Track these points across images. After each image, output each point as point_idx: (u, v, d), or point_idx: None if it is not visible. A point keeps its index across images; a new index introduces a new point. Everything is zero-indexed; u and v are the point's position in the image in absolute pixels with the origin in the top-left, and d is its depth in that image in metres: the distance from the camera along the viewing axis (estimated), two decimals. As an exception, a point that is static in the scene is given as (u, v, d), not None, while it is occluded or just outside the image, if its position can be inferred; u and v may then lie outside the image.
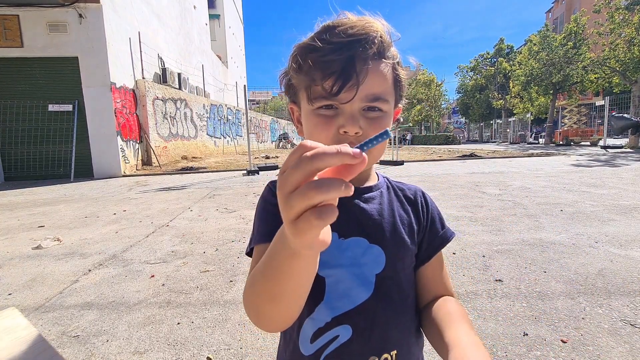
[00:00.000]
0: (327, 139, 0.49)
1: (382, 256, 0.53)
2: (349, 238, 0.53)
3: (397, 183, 0.64)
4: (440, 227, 0.60)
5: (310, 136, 0.51)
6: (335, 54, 0.46)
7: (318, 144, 0.26)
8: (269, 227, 0.51)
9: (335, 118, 0.48)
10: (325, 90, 0.47)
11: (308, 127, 0.52)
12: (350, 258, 0.52)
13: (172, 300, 1.95)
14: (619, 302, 1.72)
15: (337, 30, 0.47)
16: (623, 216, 3.33)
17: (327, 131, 0.49)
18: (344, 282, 0.51)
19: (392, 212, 0.57)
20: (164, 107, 11.21)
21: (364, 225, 0.54)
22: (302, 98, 0.51)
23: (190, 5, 16.30)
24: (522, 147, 18.96)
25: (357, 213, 0.55)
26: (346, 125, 0.47)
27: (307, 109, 0.51)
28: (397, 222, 0.56)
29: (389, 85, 0.50)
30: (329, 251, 0.51)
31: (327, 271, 0.52)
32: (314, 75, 0.47)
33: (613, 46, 15.28)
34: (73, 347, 1.52)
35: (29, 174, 8.77)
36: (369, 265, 0.52)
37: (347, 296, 0.51)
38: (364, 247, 0.53)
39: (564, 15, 38.37)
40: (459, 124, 64.14)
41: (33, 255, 2.83)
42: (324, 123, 0.49)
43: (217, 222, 3.68)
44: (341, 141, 0.47)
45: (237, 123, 19.81)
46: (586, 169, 7.43)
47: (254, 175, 8.30)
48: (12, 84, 8.53)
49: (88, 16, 8.33)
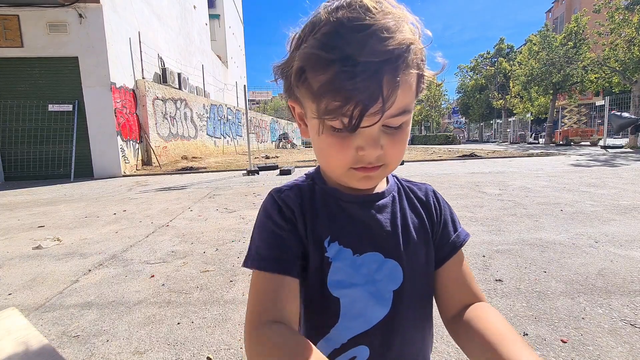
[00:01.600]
0: (344, 160, 0.44)
1: (399, 270, 0.49)
2: (364, 254, 0.49)
3: (407, 183, 0.60)
4: (453, 229, 0.56)
5: (323, 154, 0.46)
6: (357, 80, 0.36)
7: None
8: (272, 252, 0.46)
9: (352, 137, 0.42)
10: (342, 119, 0.39)
11: (320, 144, 0.45)
12: (366, 275, 0.49)
13: (172, 300, 1.95)
14: (619, 302, 1.72)
15: (355, 38, 0.37)
16: (623, 216, 3.33)
17: (344, 152, 0.43)
18: (360, 301, 0.48)
19: (405, 220, 0.53)
20: (164, 107, 11.21)
21: (378, 238, 0.50)
22: (309, 107, 0.44)
23: (190, 5, 16.30)
24: (522, 147, 18.96)
25: (370, 225, 0.51)
26: (366, 148, 0.42)
27: (317, 122, 0.43)
28: (410, 232, 0.52)
29: (413, 91, 0.43)
30: (344, 270, 0.48)
31: (342, 291, 0.48)
32: (327, 97, 0.39)
33: (613, 46, 15.28)
34: (73, 347, 1.52)
35: (29, 174, 8.78)
36: (384, 281, 0.49)
37: (363, 315, 0.48)
38: (379, 262, 0.49)
39: (564, 15, 38.40)
40: (459, 124, 64.14)
41: (33, 255, 2.83)
42: (339, 144, 0.43)
43: (217, 222, 3.68)
44: (360, 161, 0.43)
45: (237, 123, 19.82)
46: (586, 169, 7.42)
47: (254, 175, 8.30)
48: (12, 84, 8.53)
49: (88, 16, 8.34)
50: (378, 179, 0.49)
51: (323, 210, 0.51)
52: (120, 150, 8.98)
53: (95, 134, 8.80)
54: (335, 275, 0.48)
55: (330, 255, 0.48)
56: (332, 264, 0.48)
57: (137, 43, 10.21)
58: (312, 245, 0.49)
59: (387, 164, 0.45)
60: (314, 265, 0.49)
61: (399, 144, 0.44)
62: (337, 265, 0.48)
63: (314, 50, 0.39)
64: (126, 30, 9.60)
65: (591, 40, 17.85)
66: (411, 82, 0.41)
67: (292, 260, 0.47)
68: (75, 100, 8.65)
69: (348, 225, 0.50)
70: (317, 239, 0.49)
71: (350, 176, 0.46)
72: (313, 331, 0.50)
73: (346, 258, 0.48)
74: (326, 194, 0.52)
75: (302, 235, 0.49)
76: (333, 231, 0.49)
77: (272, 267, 0.45)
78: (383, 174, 0.47)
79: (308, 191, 0.53)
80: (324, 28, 0.39)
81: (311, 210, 0.50)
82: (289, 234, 0.48)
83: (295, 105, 0.48)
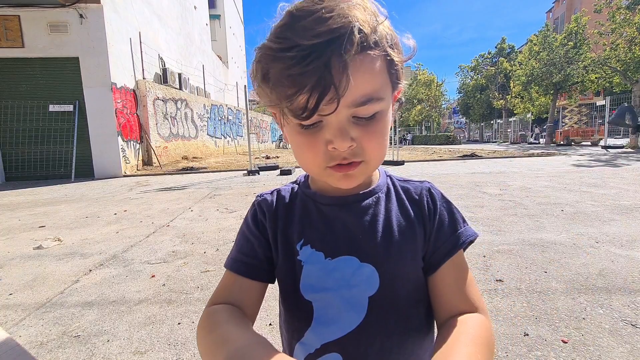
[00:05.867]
0: (316, 158, 0.42)
1: (375, 276, 0.46)
2: (337, 257, 0.47)
3: (402, 182, 0.55)
4: (451, 229, 0.50)
5: (298, 155, 0.45)
6: (304, 65, 0.35)
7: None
8: (238, 254, 0.51)
9: (320, 132, 0.40)
10: (296, 112, 0.38)
11: (293, 146, 0.45)
12: (339, 280, 0.46)
13: (173, 300, 1.95)
14: (619, 302, 1.72)
15: (301, 25, 0.36)
16: (624, 216, 3.33)
17: (314, 150, 0.41)
18: (333, 306, 0.46)
19: (388, 222, 0.49)
20: (164, 107, 11.22)
21: (354, 241, 0.47)
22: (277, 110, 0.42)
23: (191, 5, 16.31)
24: (522, 147, 18.94)
25: (347, 227, 0.48)
26: (335, 141, 0.39)
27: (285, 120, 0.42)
28: (393, 235, 0.48)
29: (381, 77, 0.40)
30: (315, 273, 0.47)
31: (314, 295, 0.47)
32: (281, 91, 0.37)
33: (614, 46, 15.25)
34: (74, 347, 1.52)
35: (29, 174, 8.79)
36: (360, 286, 0.46)
37: (337, 322, 0.46)
38: (354, 267, 0.46)
39: (565, 15, 38.34)
40: (459, 124, 64.10)
41: (34, 255, 2.83)
42: (308, 142, 0.41)
43: (217, 222, 3.69)
44: (333, 158, 0.41)
45: (238, 123, 19.82)
46: (587, 169, 7.42)
47: (255, 175, 8.30)
48: (13, 84, 8.55)
49: (89, 16, 8.35)
50: (360, 178, 0.45)
51: (299, 213, 0.52)
52: (120, 150, 8.99)
53: (96, 134, 8.81)
54: (307, 279, 0.48)
55: (302, 258, 0.48)
56: (304, 267, 0.48)
57: (137, 43, 10.22)
58: (282, 248, 0.50)
59: (367, 161, 0.43)
60: (285, 268, 0.49)
61: (374, 136, 0.41)
62: (309, 268, 0.48)
63: (268, 44, 0.39)
64: (127, 31, 9.61)
65: (592, 40, 17.83)
66: (375, 67, 0.38)
67: (253, 263, 0.50)
68: (76, 100, 8.66)
69: (324, 228, 0.49)
70: (288, 242, 0.50)
71: (329, 176, 0.44)
72: (290, 334, 0.50)
73: (318, 262, 0.48)
74: (306, 197, 0.53)
75: (271, 238, 0.51)
76: (307, 235, 0.49)
77: (233, 267, 0.50)
78: (364, 172, 0.44)
79: (289, 195, 0.55)
80: (278, 23, 0.39)
81: (285, 215, 0.52)
82: (257, 238, 0.51)
83: (274, 110, 0.44)
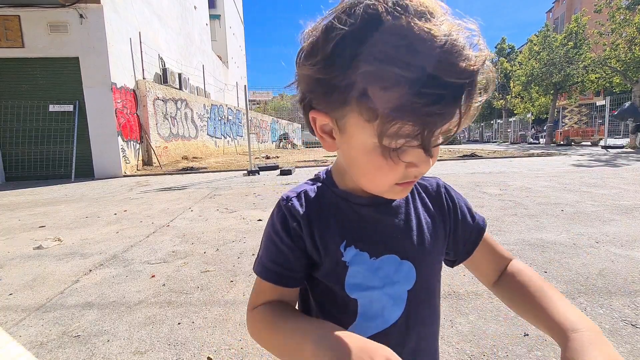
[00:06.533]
0: (392, 179, 0.42)
1: (413, 271, 0.50)
2: (380, 257, 0.49)
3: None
4: (471, 219, 0.57)
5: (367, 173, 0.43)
6: (442, 104, 0.33)
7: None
8: (272, 265, 0.49)
9: (403, 154, 0.39)
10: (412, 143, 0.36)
11: (364, 164, 0.42)
12: (384, 278, 0.49)
13: (173, 300, 1.95)
14: (619, 302, 1.72)
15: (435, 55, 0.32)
16: (624, 216, 3.33)
17: (394, 172, 0.41)
18: (378, 302, 0.49)
19: (418, 220, 0.53)
20: (164, 107, 11.22)
21: (394, 240, 0.50)
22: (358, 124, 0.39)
23: (191, 5, 16.32)
24: (522, 147, 18.94)
25: (386, 228, 0.51)
26: (419, 165, 0.40)
27: (368, 141, 0.39)
28: (424, 231, 0.52)
29: None
30: (362, 273, 0.49)
31: (360, 293, 0.49)
32: (400, 120, 0.34)
33: (614, 46, 15.26)
34: (74, 347, 1.52)
35: (29, 174, 8.79)
36: (401, 282, 0.50)
37: (381, 316, 0.49)
38: (395, 265, 0.50)
39: (565, 15, 38.35)
40: (459, 124, 63.88)
41: (34, 255, 2.83)
42: (387, 164, 0.40)
43: (217, 222, 3.69)
44: (407, 177, 0.42)
45: (238, 123, 19.82)
46: (587, 169, 7.41)
47: (255, 175, 8.30)
48: (13, 85, 8.55)
49: (89, 16, 8.35)
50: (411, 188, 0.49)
51: (335, 215, 0.51)
52: (120, 150, 8.99)
53: (96, 134, 8.81)
54: (353, 279, 0.49)
55: (347, 259, 0.48)
56: (350, 268, 0.48)
57: (137, 43, 10.22)
58: (324, 251, 0.49)
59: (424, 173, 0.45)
60: (328, 269, 0.49)
61: (438, 151, 0.43)
62: (355, 269, 0.49)
63: (384, 67, 0.33)
64: (127, 31, 9.61)
65: (592, 40, 17.83)
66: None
67: (289, 274, 0.49)
68: (76, 100, 8.66)
69: (363, 228, 0.50)
70: (329, 244, 0.49)
71: (392, 191, 0.45)
72: None
73: (364, 262, 0.49)
74: (338, 198, 0.52)
75: (308, 245, 0.49)
76: (348, 236, 0.49)
77: (269, 277, 0.50)
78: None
79: (316, 196, 0.52)
80: (391, 37, 0.33)
81: (319, 217, 0.50)
82: (291, 249, 0.49)
83: (319, 116, 0.42)
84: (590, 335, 0.40)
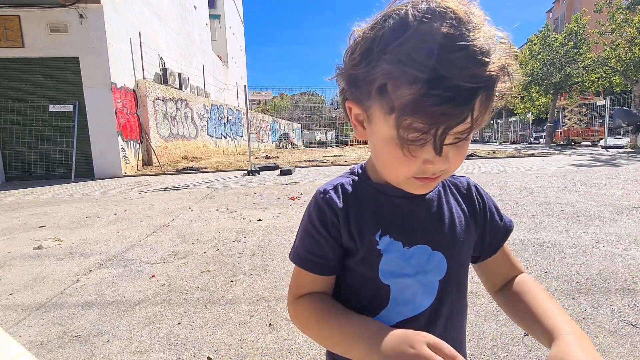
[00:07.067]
0: (408, 172, 0.44)
1: (444, 262, 0.53)
2: (414, 246, 0.52)
3: (448, 177, 0.59)
4: (499, 218, 0.59)
5: (386, 163, 0.47)
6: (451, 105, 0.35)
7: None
8: (308, 255, 0.53)
9: (420, 150, 0.41)
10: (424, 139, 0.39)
11: (384, 154, 0.46)
12: (416, 266, 0.52)
13: (173, 300, 1.95)
14: (620, 302, 1.72)
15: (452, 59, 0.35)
16: (624, 216, 3.33)
17: (410, 165, 0.43)
18: (410, 289, 0.52)
19: (451, 214, 0.55)
20: (164, 107, 11.22)
21: (427, 231, 0.53)
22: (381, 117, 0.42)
23: (191, 5, 16.32)
24: (522, 147, 18.94)
25: (420, 219, 0.53)
26: (435, 162, 0.42)
27: (387, 133, 0.42)
28: (455, 225, 0.55)
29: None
30: (395, 261, 0.51)
31: (393, 280, 0.52)
32: (412, 117, 0.37)
33: (614, 46, 15.26)
34: (74, 347, 1.52)
35: (29, 174, 8.79)
36: (433, 272, 0.52)
37: (412, 303, 0.51)
38: (427, 255, 0.52)
39: (565, 15, 38.35)
40: (459, 124, 63.89)
41: (34, 255, 2.83)
42: (404, 156, 0.42)
43: (217, 222, 3.69)
44: (424, 172, 0.44)
45: (238, 123, 19.82)
46: (587, 169, 7.42)
47: (255, 175, 8.30)
48: (13, 84, 8.55)
49: (89, 16, 8.35)
50: (434, 186, 0.53)
51: (370, 207, 0.53)
52: (120, 150, 8.99)
53: (95, 134, 8.81)
54: (386, 266, 0.51)
55: (382, 247, 0.51)
56: (384, 256, 0.51)
57: (137, 43, 10.21)
58: (360, 240, 0.52)
59: (447, 172, 0.46)
60: (363, 256, 0.52)
61: (463, 152, 0.45)
62: (389, 256, 0.51)
63: (402, 66, 0.36)
64: (127, 31, 9.61)
65: (592, 40, 17.84)
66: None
67: (324, 264, 0.53)
68: (76, 100, 8.66)
69: (398, 219, 0.53)
70: (365, 234, 0.52)
71: (409, 184, 0.47)
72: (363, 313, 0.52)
73: (397, 250, 0.51)
74: (374, 190, 0.55)
75: (344, 235, 0.52)
76: (383, 225, 0.52)
77: (306, 266, 0.53)
78: (439, 181, 0.49)
79: (353, 188, 0.55)
80: (413, 40, 0.36)
81: (356, 208, 0.53)
82: (326, 240, 0.52)
83: (353, 106, 0.47)
84: (576, 338, 0.42)
